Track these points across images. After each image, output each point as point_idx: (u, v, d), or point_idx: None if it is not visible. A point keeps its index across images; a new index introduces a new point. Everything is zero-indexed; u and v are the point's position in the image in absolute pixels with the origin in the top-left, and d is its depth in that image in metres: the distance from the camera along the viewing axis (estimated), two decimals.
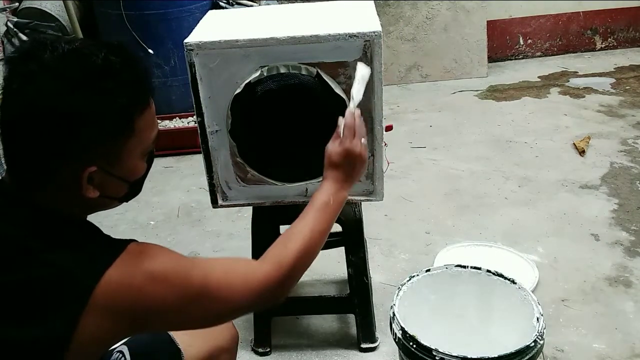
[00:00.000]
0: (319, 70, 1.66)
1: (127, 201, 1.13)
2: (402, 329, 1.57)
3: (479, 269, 1.78)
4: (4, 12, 3.83)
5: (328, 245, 2.17)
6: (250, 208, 1.98)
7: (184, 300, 1.03)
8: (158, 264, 1.02)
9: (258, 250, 2.02)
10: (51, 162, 0.97)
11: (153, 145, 1.09)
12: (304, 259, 1.24)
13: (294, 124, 1.72)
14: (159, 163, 3.61)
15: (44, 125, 0.93)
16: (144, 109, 1.02)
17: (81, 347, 0.96)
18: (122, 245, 1.01)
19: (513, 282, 1.72)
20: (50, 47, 0.96)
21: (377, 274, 2.41)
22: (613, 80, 4.38)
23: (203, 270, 1.08)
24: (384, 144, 1.77)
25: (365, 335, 2.09)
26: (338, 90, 1.68)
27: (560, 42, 4.93)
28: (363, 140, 1.38)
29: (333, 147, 1.39)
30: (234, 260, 1.19)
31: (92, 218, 1.10)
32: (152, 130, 1.06)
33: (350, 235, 2.00)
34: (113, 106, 0.96)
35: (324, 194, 1.34)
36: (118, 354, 1.31)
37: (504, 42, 4.87)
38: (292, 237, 1.25)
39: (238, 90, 1.68)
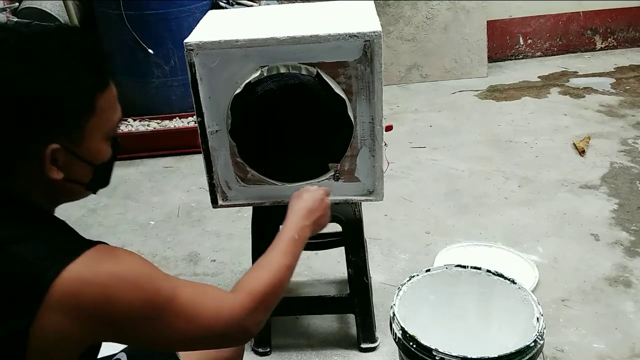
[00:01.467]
0: (319, 70, 1.66)
1: (94, 191, 1.12)
2: (402, 329, 1.57)
3: (479, 269, 1.78)
4: (4, 12, 3.83)
5: (328, 245, 2.18)
6: (250, 208, 1.99)
7: (151, 308, 1.00)
8: (126, 265, 1.00)
9: (258, 250, 2.03)
10: (15, 141, 0.97)
11: (116, 129, 1.09)
12: (275, 291, 1.20)
13: (294, 124, 1.73)
14: (159, 163, 3.61)
15: (7, 104, 0.94)
16: (104, 89, 1.03)
17: (46, 347, 0.93)
18: (90, 243, 1.00)
19: (513, 282, 1.72)
20: (17, 32, 0.98)
21: (377, 274, 2.41)
22: (613, 80, 4.38)
23: (174, 284, 1.06)
24: (384, 144, 1.77)
25: (365, 335, 2.09)
26: (338, 90, 1.68)
27: (560, 42, 4.93)
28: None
29: (300, 190, 1.49)
30: (206, 286, 1.15)
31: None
32: (114, 113, 1.06)
33: (350, 235, 2.00)
34: (74, 83, 0.98)
35: (290, 229, 1.34)
36: None
37: (504, 42, 4.87)
38: (262, 269, 1.23)
39: (238, 90, 1.68)
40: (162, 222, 2.99)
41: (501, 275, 1.75)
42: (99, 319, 0.96)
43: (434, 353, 1.49)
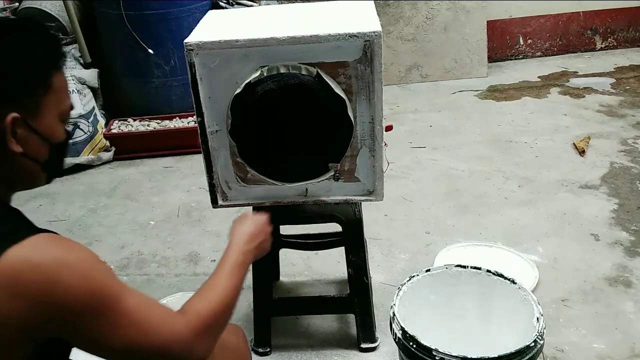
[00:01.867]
0: (319, 70, 1.66)
1: (49, 177, 1.16)
2: (402, 329, 1.58)
3: (479, 269, 1.78)
4: (4, 12, 3.83)
5: (328, 245, 2.19)
6: (250, 208, 1.98)
7: (96, 302, 0.99)
8: (77, 254, 1.00)
9: None
10: None
11: (68, 117, 1.14)
12: (223, 312, 1.20)
13: (294, 124, 1.73)
14: (159, 163, 3.62)
15: None
16: (58, 69, 1.10)
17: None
18: (41, 230, 1.02)
19: (513, 282, 1.72)
20: None
21: (377, 274, 2.41)
22: (613, 80, 4.38)
23: (123, 287, 1.05)
24: (384, 144, 1.77)
25: (365, 335, 2.09)
26: (338, 90, 1.68)
27: (560, 42, 4.93)
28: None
29: (242, 215, 1.54)
30: (155, 300, 1.12)
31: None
32: (67, 97, 1.12)
33: (350, 235, 2.00)
34: (32, 57, 1.06)
35: (234, 252, 1.36)
36: None
37: (504, 42, 4.87)
38: (209, 292, 1.22)
39: (238, 90, 1.68)
40: (162, 222, 2.99)
41: (501, 275, 1.75)
42: (42, 304, 0.95)
43: (434, 353, 1.49)
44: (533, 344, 1.50)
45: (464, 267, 1.80)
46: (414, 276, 1.77)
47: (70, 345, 1.09)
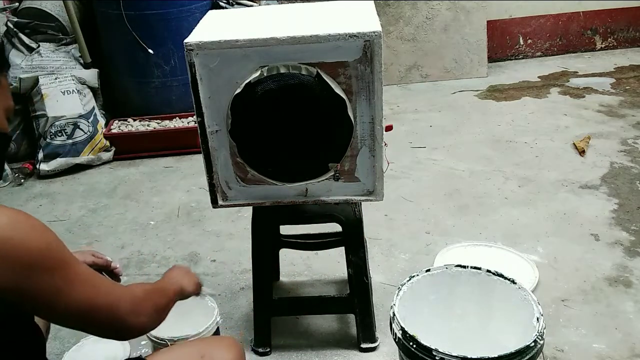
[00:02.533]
0: (319, 70, 1.66)
1: None
2: (402, 329, 1.57)
3: (479, 269, 1.78)
4: (4, 12, 3.83)
5: (328, 245, 2.19)
6: (250, 208, 1.99)
7: (50, 257, 1.04)
8: (29, 216, 1.05)
9: (258, 250, 2.03)
10: None
11: (10, 116, 1.17)
12: (164, 294, 1.36)
13: (294, 123, 1.73)
14: (159, 163, 3.62)
15: None
16: (4, 71, 1.15)
17: None
18: None
19: (513, 282, 1.72)
20: None
21: (377, 274, 2.41)
22: (613, 80, 4.38)
23: (75, 258, 1.12)
24: (384, 144, 1.77)
25: (365, 335, 2.09)
26: (338, 90, 1.68)
27: (560, 42, 4.93)
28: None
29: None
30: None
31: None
32: (9, 98, 1.17)
33: (350, 235, 2.00)
34: None
35: (177, 280, 1.50)
36: None
37: (504, 42, 4.87)
38: (152, 283, 1.38)
39: (238, 90, 1.68)
40: (162, 222, 2.99)
41: (501, 275, 1.74)
42: (10, 266, 0.99)
43: (434, 353, 1.49)
44: (533, 344, 1.50)
45: (464, 267, 1.79)
46: (414, 276, 1.77)
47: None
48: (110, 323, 1.16)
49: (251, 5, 3.90)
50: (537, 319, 1.57)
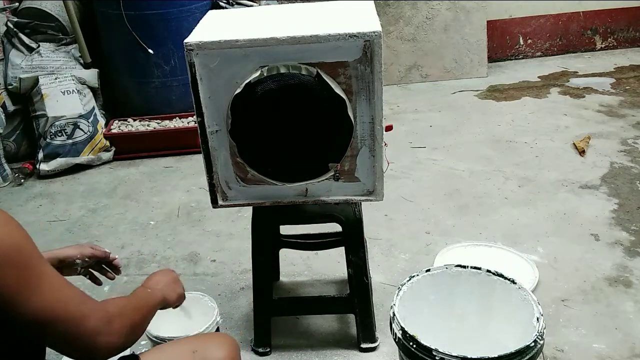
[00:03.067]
0: (319, 70, 1.66)
1: None
2: (402, 329, 1.57)
3: (479, 269, 1.78)
4: (4, 12, 3.83)
5: (328, 245, 2.19)
6: (250, 208, 1.99)
7: (21, 257, 1.01)
8: (2, 215, 1.03)
9: (258, 250, 2.03)
10: None
11: None
12: (138, 313, 1.26)
13: (293, 123, 1.73)
14: (159, 163, 3.62)
15: None
16: None
17: None
18: None
19: (513, 282, 1.72)
20: None
21: (377, 274, 2.41)
22: (613, 80, 4.38)
23: (45, 259, 1.08)
24: (384, 144, 1.77)
25: (365, 335, 2.09)
26: (338, 90, 1.68)
27: (560, 42, 4.93)
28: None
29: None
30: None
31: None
32: None
33: (350, 235, 2.00)
34: None
35: (141, 288, 1.45)
36: None
37: (504, 42, 4.87)
38: (124, 297, 1.32)
39: (238, 90, 1.68)
40: (162, 222, 2.99)
41: (501, 275, 1.74)
42: None
43: (434, 353, 1.49)
44: (533, 344, 1.50)
45: (464, 267, 1.79)
46: (414, 276, 1.77)
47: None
48: (74, 338, 1.08)
49: (251, 5, 3.90)
50: (537, 319, 1.57)
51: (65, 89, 3.63)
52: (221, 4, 3.85)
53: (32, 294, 1.02)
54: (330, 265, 2.52)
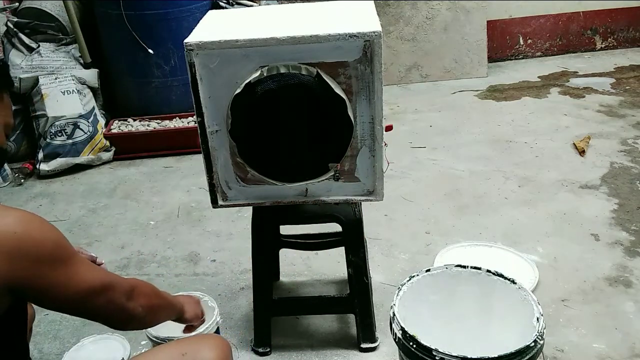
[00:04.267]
0: (319, 70, 1.66)
1: None
2: (402, 329, 1.57)
3: (479, 269, 1.78)
4: (4, 12, 3.83)
5: (328, 245, 2.19)
6: (250, 208, 1.99)
7: (59, 253, 1.16)
8: (34, 216, 1.16)
9: (258, 250, 2.03)
10: None
11: (9, 131, 1.27)
12: (156, 296, 1.44)
13: (293, 123, 1.73)
14: (159, 163, 3.62)
15: None
16: (7, 91, 1.25)
17: None
18: None
19: (513, 282, 1.72)
20: None
21: (377, 274, 2.41)
22: (613, 80, 4.38)
23: (75, 251, 1.25)
24: (384, 144, 1.77)
25: (365, 335, 2.09)
26: (338, 90, 1.68)
27: (560, 42, 4.93)
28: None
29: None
30: None
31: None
32: (10, 112, 1.27)
33: (350, 235, 2.00)
34: None
35: (181, 300, 1.61)
36: None
37: (504, 42, 4.87)
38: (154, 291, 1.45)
39: (238, 90, 1.68)
40: (162, 222, 2.99)
41: (501, 275, 1.74)
42: (17, 258, 1.09)
43: (434, 353, 1.49)
44: (533, 344, 1.50)
45: (464, 267, 1.79)
46: (414, 276, 1.77)
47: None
48: (109, 306, 1.26)
49: (251, 5, 3.90)
50: (537, 319, 1.57)
51: (65, 89, 3.63)
52: (221, 4, 3.85)
53: (75, 280, 1.19)
54: (330, 265, 2.52)
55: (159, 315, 1.45)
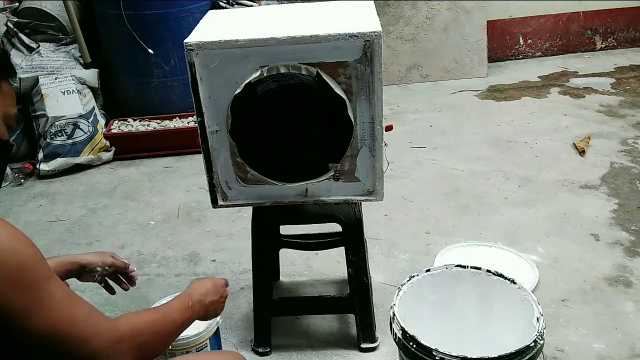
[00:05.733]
0: (319, 70, 1.66)
1: None
2: (402, 329, 1.57)
3: (479, 269, 1.78)
4: (4, 12, 3.83)
5: (328, 245, 2.19)
6: (250, 208, 1.99)
7: (24, 278, 0.99)
8: (8, 231, 1.02)
9: (258, 250, 2.03)
10: None
11: (12, 122, 1.17)
12: (151, 333, 1.19)
13: (293, 123, 1.73)
14: (159, 163, 3.62)
15: None
16: (6, 80, 1.16)
17: None
18: None
19: (513, 282, 1.72)
20: None
21: (377, 274, 2.41)
22: (613, 80, 4.38)
23: (53, 274, 1.05)
24: (384, 144, 1.77)
25: (365, 335, 2.09)
26: (338, 90, 1.68)
27: (560, 42, 4.93)
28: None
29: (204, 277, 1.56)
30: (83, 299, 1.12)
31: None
32: (13, 105, 1.17)
33: (350, 235, 2.00)
34: None
35: (188, 295, 1.40)
36: None
37: (504, 42, 4.87)
38: (151, 312, 1.26)
39: (238, 90, 1.68)
40: (162, 222, 2.99)
41: (501, 275, 1.74)
42: None
43: (434, 353, 1.49)
44: (533, 344, 1.50)
45: (464, 267, 1.79)
46: (414, 276, 1.77)
47: None
48: (76, 358, 1.05)
49: (251, 5, 3.90)
50: (537, 319, 1.57)
51: (65, 89, 3.63)
52: (221, 4, 3.85)
53: (36, 313, 1.01)
54: (330, 265, 2.52)
55: (159, 349, 1.23)
